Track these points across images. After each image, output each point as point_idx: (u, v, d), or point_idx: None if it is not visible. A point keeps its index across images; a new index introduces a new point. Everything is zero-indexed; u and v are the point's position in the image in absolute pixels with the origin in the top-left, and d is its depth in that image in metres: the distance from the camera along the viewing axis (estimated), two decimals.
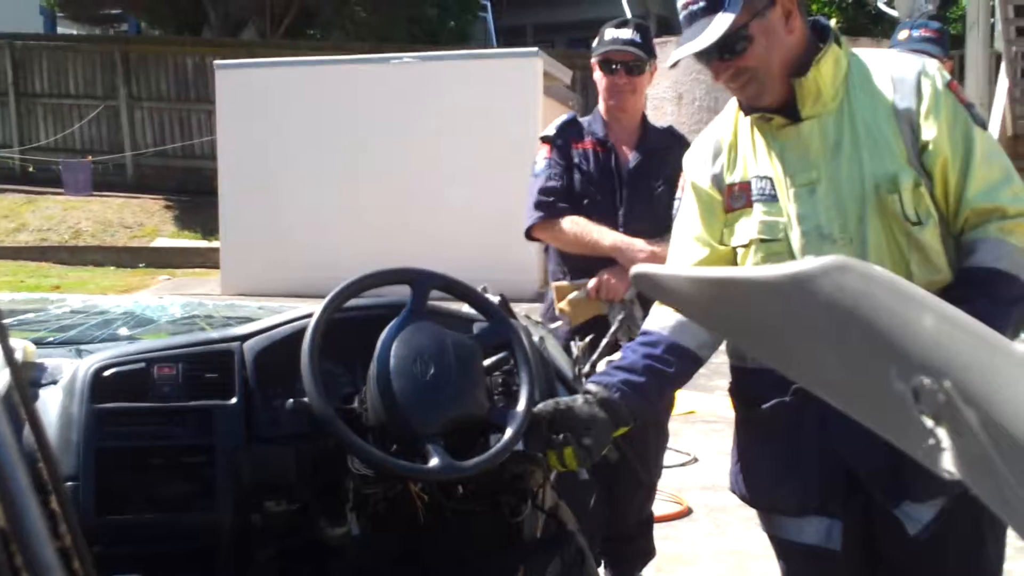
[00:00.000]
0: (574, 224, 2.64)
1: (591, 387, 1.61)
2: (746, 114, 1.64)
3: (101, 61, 13.84)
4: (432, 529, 1.74)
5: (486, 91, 9.58)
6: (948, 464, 0.90)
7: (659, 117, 2.91)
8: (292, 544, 1.72)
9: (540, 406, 1.60)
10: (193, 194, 12.75)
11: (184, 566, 1.69)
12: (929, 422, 0.89)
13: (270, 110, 9.61)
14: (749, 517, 1.83)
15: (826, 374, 1.04)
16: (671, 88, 8.68)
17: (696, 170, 1.72)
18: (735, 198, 1.66)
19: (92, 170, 13.14)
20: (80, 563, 0.99)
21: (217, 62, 10.55)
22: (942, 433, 0.89)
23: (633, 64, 2.68)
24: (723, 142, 1.69)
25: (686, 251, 1.71)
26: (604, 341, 1.86)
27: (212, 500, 1.65)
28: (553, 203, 2.67)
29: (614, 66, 2.69)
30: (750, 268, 1.62)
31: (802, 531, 1.65)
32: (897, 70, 1.59)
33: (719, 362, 1.81)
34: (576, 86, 11.91)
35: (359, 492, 1.66)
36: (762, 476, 1.69)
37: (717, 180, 1.68)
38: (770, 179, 1.61)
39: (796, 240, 1.59)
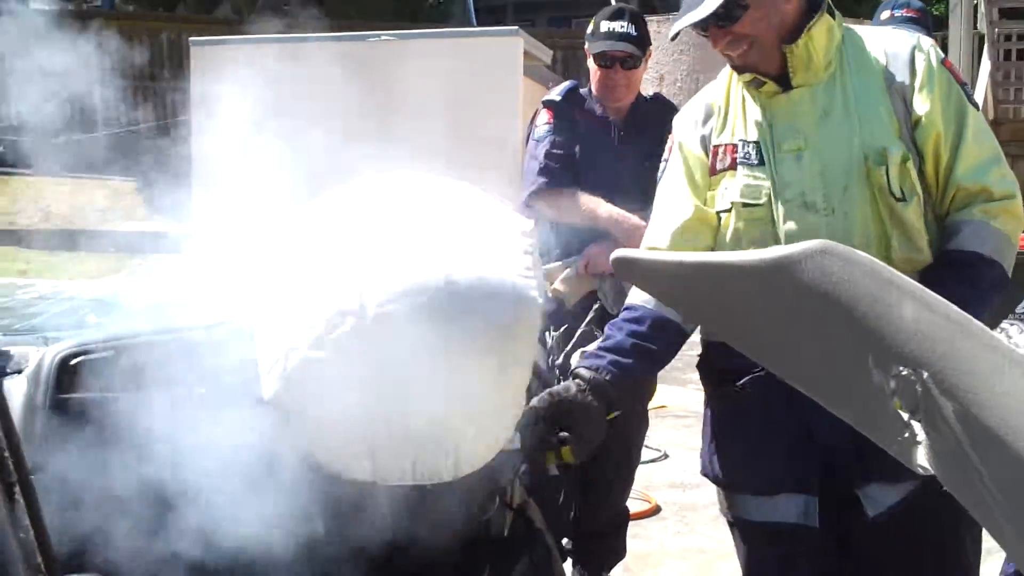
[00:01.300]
0: (572, 194, 2.67)
1: (582, 372, 1.58)
2: (739, 73, 1.64)
3: (73, 37, 13.58)
4: (397, 525, 1.72)
5: (465, 70, 9.50)
6: (921, 459, 0.90)
7: None
8: None
9: (535, 401, 1.55)
10: (166, 177, 12.58)
11: None
12: (905, 415, 0.89)
13: (246, 89, 9.46)
14: (718, 515, 1.82)
15: (803, 363, 1.03)
16: (653, 69, 8.67)
17: (685, 131, 1.72)
18: (720, 160, 1.66)
19: (62, 150, 12.92)
20: (43, 557, 0.96)
21: (192, 39, 10.38)
22: (917, 426, 0.88)
23: (628, 58, 2.70)
24: (715, 105, 1.69)
25: (670, 211, 1.70)
26: (579, 331, 1.85)
27: None
28: (557, 170, 2.71)
29: (609, 61, 2.71)
30: (731, 253, 1.61)
31: (776, 509, 1.62)
32: (891, 45, 1.60)
33: (692, 354, 1.80)
34: (557, 66, 11.85)
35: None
36: (735, 454, 1.67)
37: (705, 142, 1.69)
38: (756, 144, 1.62)
39: (779, 207, 1.59)
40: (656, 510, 3.75)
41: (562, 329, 1.90)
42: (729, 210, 1.63)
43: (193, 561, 1.41)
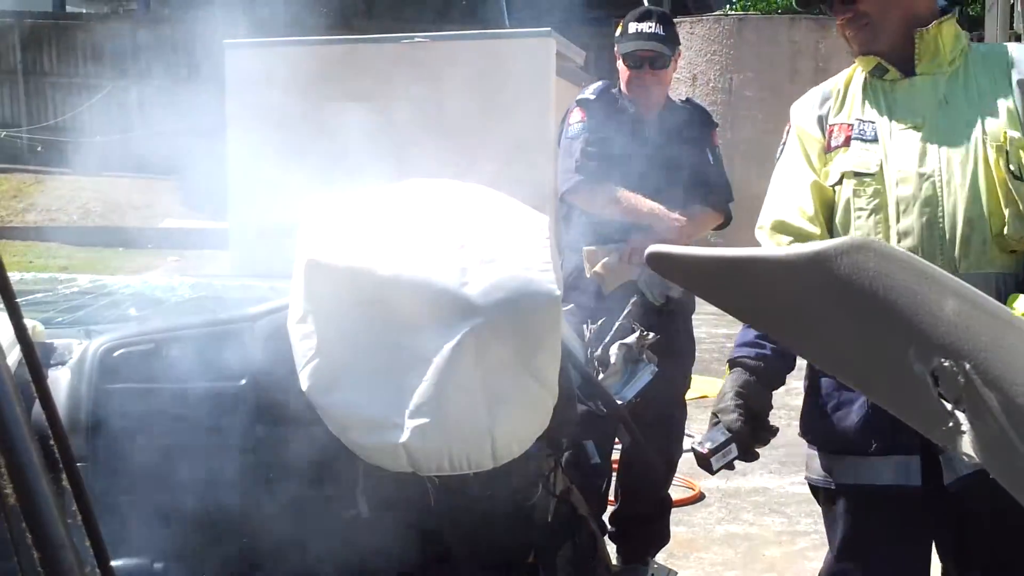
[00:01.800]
0: (609, 190, 2.69)
1: (747, 363, 1.69)
2: (862, 56, 1.69)
3: (110, 40, 13.81)
4: (443, 511, 1.74)
5: (498, 71, 9.50)
6: (967, 447, 0.89)
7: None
8: None
9: (734, 401, 1.68)
10: (202, 174, 12.72)
11: None
12: (948, 404, 0.88)
13: (279, 89, 9.54)
14: (761, 503, 1.83)
15: (843, 356, 1.03)
16: (686, 69, 8.63)
17: (803, 115, 1.77)
18: (835, 137, 1.71)
19: (101, 150, 13.14)
20: (91, 541, 0.98)
21: (227, 41, 10.50)
22: (961, 416, 0.88)
23: (657, 58, 2.72)
24: (833, 90, 1.76)
25: (789, 183, 1.74)
26: (617, 324, 1.86)
27: None
28: (592, 167, 2.72)
29: (638, 62, 2.73)
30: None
31: (880, 472, 1.64)
32: (1018, 50, 1.68)
33: (729, 346, 1.81)
34: (589, 67, 11.84)
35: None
36: (837, 416, 1.70)
37: (821, 121, 1.74)
38: (873, 122, 1.68)
39: (891, 175, 1.63)
40: (700, 497, 3.74)
41: (600, 322, 1.91)
42: (840, 182, 1.68)
43: (232, 545, 1.44)
